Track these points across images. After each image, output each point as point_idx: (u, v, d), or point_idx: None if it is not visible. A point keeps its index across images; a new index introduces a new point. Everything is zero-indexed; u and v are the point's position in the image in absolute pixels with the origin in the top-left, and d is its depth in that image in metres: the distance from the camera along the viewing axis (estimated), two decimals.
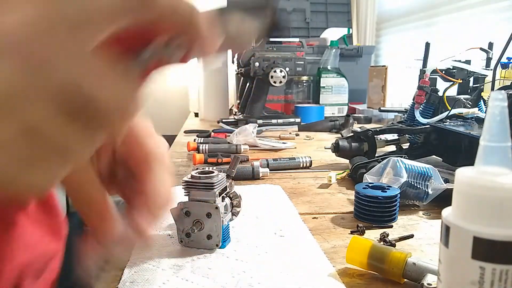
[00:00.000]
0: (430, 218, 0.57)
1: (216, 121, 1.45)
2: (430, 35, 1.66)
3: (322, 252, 0.45)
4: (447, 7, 1.56)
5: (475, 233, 0.24)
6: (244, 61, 1.43)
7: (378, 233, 0.50)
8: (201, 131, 1.29)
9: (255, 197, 0.65)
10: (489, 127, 0.25)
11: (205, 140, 1.06)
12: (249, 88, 1.47)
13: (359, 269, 0.42)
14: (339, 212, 0.59)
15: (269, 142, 1.09)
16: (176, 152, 1.03)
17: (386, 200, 0.54)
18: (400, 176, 0.59)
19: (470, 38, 1.41)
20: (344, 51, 1.74)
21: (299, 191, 0.70)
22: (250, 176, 0.77)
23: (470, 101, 0.84)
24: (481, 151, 0.25)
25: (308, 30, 2.13)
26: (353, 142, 0.83)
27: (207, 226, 0.45)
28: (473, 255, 0.24)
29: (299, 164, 0.85)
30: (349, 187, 0.71)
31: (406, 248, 0.47)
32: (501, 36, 0.85)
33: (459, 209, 0.26)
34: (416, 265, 0.38)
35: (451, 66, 0.86)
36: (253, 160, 0.83)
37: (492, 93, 0.25)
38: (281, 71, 1.36)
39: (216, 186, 0.44)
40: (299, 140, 1.21)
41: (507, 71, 0.77)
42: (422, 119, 0.82)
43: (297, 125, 1.40)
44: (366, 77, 1.60)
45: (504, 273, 0.24)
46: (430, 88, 0.84)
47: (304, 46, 1.56)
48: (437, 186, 0.58)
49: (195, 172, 0.46)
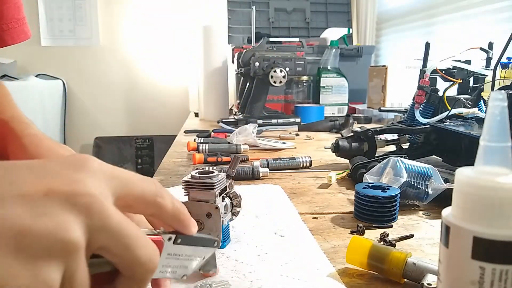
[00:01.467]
0: (430, 218, 0.57)
1: (216, 121, 1.45)
2: (430, 35, 1.66)
3: (322, 252, 0.45)
4: (447, 7, 1.56)
5: (475, 233, 0.24)
6: (244, 61, 1.43)
7: (378, 233, 0.50)
8: (201, 131, 1.29)
9: (255, 197, 0.65)
10: (489, 127, 0.25)
11: (205, 140, 1.06)
12: (249, 88, 1.47)
13: (359, 269, 0.42)
14: (339, 212, 0.59)
15: (269, 142, 1.09)
16: (176, 152, 1.03)
17: (386, 200, 0.54)
18: (400, 176, 0.59)
19: (470, 38, 1.41)
20: (344, 51, 1.74)
21: (299, 191, 0.70)
22: (250, 176, 0.77)
23: (470, 101, 0.84)
24: (481, 151, 0.25)
25: (308, 30, 2.13)
26: (353, 142, 0.83)
27: (207, 226, 0.45)
28: (473, 255, 0.24)
29: (299, 164, 0.85)
30: (349, 187, 0.71)
31: (406, 248, 0.47)
32: (501, 36, 0.85)
33: (459, 209, 0.26)
34: (416, 265, 0.38)
35: (451, 66, 0.86)
36: (253, 160, 0.83)
37: (492, 93, 0.25)
38: (281, 71, 1.36)
39: (216, 186, 0.44)
40: (299, 140, 1.21)
41: (507, 71, 0.77)
42: (422, 119, 0.82)
43: (297, 125, 1.40)
44: (366, 77, 1.60)
45: (504, 273, 0.24)
46: (430, 88, 0.83)
47: (304, 46, 1.55)
48: (437, 186, 0.58)
49: (195, 172, 0.46)
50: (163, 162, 0.92)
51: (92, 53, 2.53)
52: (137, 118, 2.62)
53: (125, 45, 2.55)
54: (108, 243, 0.24)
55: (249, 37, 1.74)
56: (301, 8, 2.13)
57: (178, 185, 0.70)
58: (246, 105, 1.46)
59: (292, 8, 2.12)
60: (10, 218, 0.20)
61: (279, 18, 2.12)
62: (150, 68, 2.58)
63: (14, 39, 0.48)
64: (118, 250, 0.25)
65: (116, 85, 2.58)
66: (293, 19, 2.13)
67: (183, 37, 2.51)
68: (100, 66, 2.55)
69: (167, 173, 0.82)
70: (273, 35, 2.00)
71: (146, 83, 2.59)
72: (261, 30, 1.99)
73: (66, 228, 0.21)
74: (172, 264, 0.31)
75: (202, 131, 1.29)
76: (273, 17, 2.11)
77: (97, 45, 2.52)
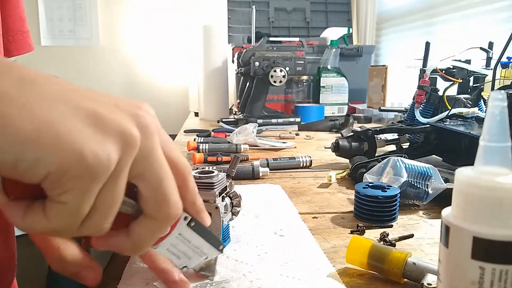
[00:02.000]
0: (430, 217, 0.57)
1: (216, 121, 1.45)
2: (430, 35, 1.66)
3: (322, 252, 0.45)
4: (447, 7, 1.56)
5: (475, 233, 0.24)
6: (244, 61, 1.43)
7: (378, 232, 0.50)
8: (201, 131, 1.29)
9: (255, 197, 0.65)
10: (489, 127, 0.25)
11: (205, 139, 1.06)
12: (249, 88, 1.47)
13: (359, 269, 0.42)
14: (339, 212, 0.59)
15: (269, 142, 1.09)
16: None
17: (386, 200, 0.54)
18: (400, 175, 0.59)
19: (470, 38, 1.41)
20: (344, 50, 1.74)
21: (299, 191, 0.70)
22: (250, 176, 0.77)
23: (470, 100, 0.84)
24: (481, 151, 0.25)
25: (308, 30, 2.13)
26: (353, 141, 0.83)
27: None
28: (473, 255, 0.24)
29: (299, 164, 0.85)
30: (349, 187, 0.71)
31: (406, 248, 0.47)
32: (501, 35, 0.85)
33: (459, 209, 0.26)
34: (416, 265, 0.38)
35: (451, 66, 0.86)
36: (253, 160, 0.83)
37: (492, 93, 0.25)
38: (281, 71, 1.36)
39: (216, 186, 0.44)
40: (299, 139, 1.21)
41: (507, 70, 0.77)
42: (422, 119, 0.82)
43: (297, 124, 1.40)
44: (366, 77, 1.60)
45: (504, 273, 0.24)
46: (430, 88, 0.83)
47: (304, 46, 1.55)
48: (437, 186, 0.58)
49: (195, 172, 0.46)
50: None
51: (92, 53, 2.53)
52: None
53: (125, 45, 2.54)
54: (148, 171, 0.26)
55: (249, 37, 1.74)
56: (301, 8, 2.13)
57: None
58: (246, 105, 1.45)
59: (292, 8, 2.12)
60: (88, 106, 0.24)
61: (279, 18, 2.12)
62: (150, 68, 2.58)
63: (19, 50, 0.50)
64: (154, 181, 0.27)
65: (116, 85, 2.58)
66: (293, 19, 2.13)
67: (183, 37, 2.51)
68: (100, 66, 2.55)
69: None
70: (273, 34, 2.00)
71: (146, 83, 2.59)
72: (261, 30, 1.99)
73: (130, 127, 0.25)
74: (179, 247, 0.32)
75: (202, 131, 1.29)
76: (273, 16, 2.11)
77: (97, 45, 2.52)
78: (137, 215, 0.28)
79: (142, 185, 0.27)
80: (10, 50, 0.49)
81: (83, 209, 0.24)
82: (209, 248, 0.34)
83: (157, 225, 0.28)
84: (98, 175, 0.23)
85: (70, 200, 0.23)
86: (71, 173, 0.22)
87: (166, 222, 0.28)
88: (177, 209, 0.28)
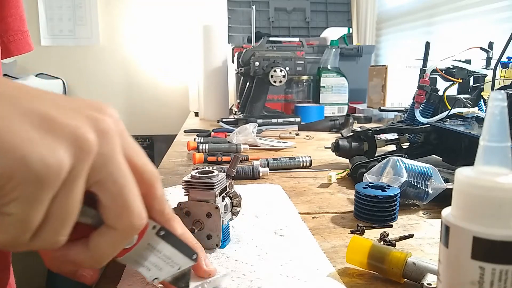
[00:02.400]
0: (430, 217, 0.57)
1: (216, 121, 1.45)
2: (430, 35, 1.66)
3: (322, 252, 0.45)
4: (447, 7, 1.56)
5: (475, 233, 0.24)
6: (244, 61, 1.43)
7: (378, 232, 0.50)
8: (201, 131, 1.29)
9: (255, 197, 0.65)
10: (489, 127, 0.25)
11: (205, 139, 1.06)
12: (249, 88, 1.47)
13: (359, 269, 0.42)
14: (339, 212, 0.59)
15: (269, 142, 1.09)
16: (176, 152, 1.03)
17: (386, 200, 0.54)
18: (400, 175, 0.59)
19: (470, 38, 1.41)
20: (344, 50, 1.74)
21: (299, 191, 0.70)
22: (250, 176, 0.77)
23: (470, 100, 0.84)
24: (481, 151, 0.25)
25: (308, 30, 2.13)
26: (353, 141, 0.83)
27: (207, 226, 0.45)
28: (472, 255, 0.24)
29: (299, 164, 0.85)
30: (349, 187, 0.71)
31: (406, 248, 0.47)
32: (501, 35, 0.85)
33: (459, 209, 0.26)
34: (416, 265, 0.38)
35: (451, 66, 0.86)
36: (253, 160, 0.83)
37: (492, 93, 0.25)
38: (281, 71, 1.36)
39: (216, 186, 0.44)
40: (299, 139, 1.21)
41: (507, 70, 0.77)
42: (422, 119, 0.82)
43: (297, 124, 1.40)
44: (366, 77, 1.60)
45: (504, 273, 0.24)
46: (430, 88, 0.83)
47: (304, 46, 1.55)
48: (437, 186, 0.58)
49: (195, 172, 0.46)
50: (163, 162, 0.92)
51: (92, 53, 2.53)
52: (137, 118, 2.61)
53: (125, 45, 2.54)
54: (107, 178, 0.25)
55: (249, 37, 1.74)
56: (301, 8, 2.13)
57: (178, 184, 0.70)
58: (246, 105, 1.45)
59: (292, 8, 2.12)
60: (40, 108, 0.23)
61: (279, 18, 2.12)
62: (150, 68, 2.57)
63: (19, 50, 0.50)
64: (113, 188, 0.25)
65: (116, 85, 2.57)
66: (293, 19, 2.13)
67: (183, 37, 2.51)
68: (100, 66, 2.55)
69: (167, 173, 0.82)
70: (273, 34, 2.00)
71: (146, 83, 2.59)
72: (261, 30, 1.99)
73: (84, 131, 0.23)
74: (150, 259, 0.31)
75: (202, 131, 1.29)
76: (273, 16, 2.11)
77: (97, 45, 2.52)
78: (99, 225, 0.27)
79: (101, 193, 0.25)
80: (10, 50, 0.49)
81: (31, 220, 0.22)
82: (182, 258, 0.32)
83: (118, 236, 0.26)
84: (47, 182, 0.21)
85: (15, 210, 0.21)
86: (15, 181, 0.21)
87: (128, 233, 0.27)
88: (139, 219, 0.26)
